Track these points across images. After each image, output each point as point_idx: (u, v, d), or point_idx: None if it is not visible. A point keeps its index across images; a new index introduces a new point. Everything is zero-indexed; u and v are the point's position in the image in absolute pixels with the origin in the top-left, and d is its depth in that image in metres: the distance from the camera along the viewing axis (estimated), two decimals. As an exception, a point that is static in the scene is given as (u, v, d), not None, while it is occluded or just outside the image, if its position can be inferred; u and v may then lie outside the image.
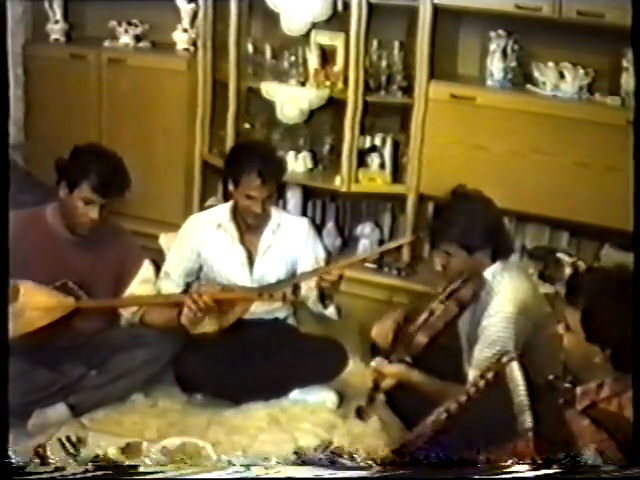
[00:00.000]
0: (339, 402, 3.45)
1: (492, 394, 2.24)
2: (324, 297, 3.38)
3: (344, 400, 3.46)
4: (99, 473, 2.16)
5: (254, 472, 2.14)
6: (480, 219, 2.97)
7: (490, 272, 2.98)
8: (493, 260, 2.99)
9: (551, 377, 2.36)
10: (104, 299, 3.27)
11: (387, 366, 2.93)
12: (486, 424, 2.18)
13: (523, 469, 2.00)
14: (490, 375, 2.29)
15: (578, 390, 2.30)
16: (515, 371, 2.17)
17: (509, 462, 2.03)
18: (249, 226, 3.49)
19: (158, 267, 3.53)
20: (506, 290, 2.93)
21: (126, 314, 3.34)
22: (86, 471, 2.19)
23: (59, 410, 3.19)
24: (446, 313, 2.91)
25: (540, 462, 1.99)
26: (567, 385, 2.33)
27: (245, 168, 3.32)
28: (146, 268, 3.40)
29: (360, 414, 3.00)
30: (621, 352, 2.22)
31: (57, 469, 2.22)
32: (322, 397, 3.45)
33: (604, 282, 2.41)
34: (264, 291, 3.36)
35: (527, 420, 2.05)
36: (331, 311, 3.47)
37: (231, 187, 3.41)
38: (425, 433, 2.36)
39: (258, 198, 3.34)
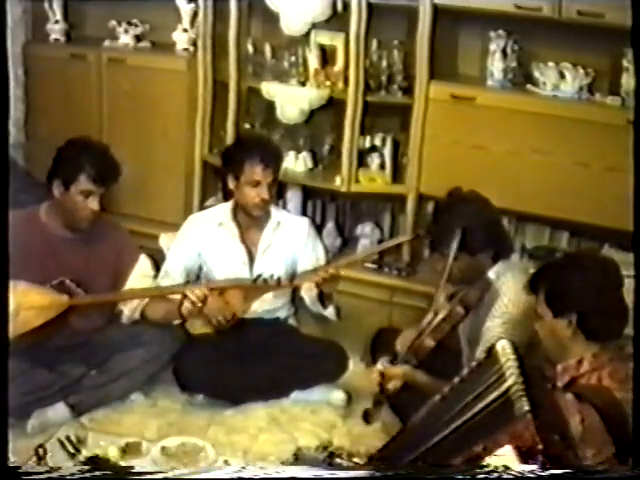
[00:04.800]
0: (348, 399, 3.46)
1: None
2: (323, 297, 3.39)
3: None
4: (99, 473, 2.16)
5: (254, 472, 2.14)
6: (479, 220, 2.97)
7: (493, 272, 2.97)
8: (494, 260, 2.99)
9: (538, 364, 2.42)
10: (98, 294, 3.26)
11: (393, 368, 2.92)
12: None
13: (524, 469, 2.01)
14: (482, 355, 2.31)
15: (559, 367, 2.37)
16: (507, 348, 2.19)
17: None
18: (250, 225, 3.50)
19: (157, 267, 3.53)
20: (510, 291, 2.93)
21: (126, 310, 3.34)
22: (86, 471, 2.18)
23: (59, 410, 3.19)
24: (452, 316, 2.91)
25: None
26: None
27: (246, 157, 3.36)
28: (143, 263, 3.40)
29: (367, 417, 2.98)
30: (586, 317, 2.34)
31: (57, 469, 2.22)
32: (329, 395, 3.46)
33: (559, 260, 2.80)
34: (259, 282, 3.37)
35: (524, 403, 2.06)
36: (330, 312, 3.47)
37: (232, 184, 3.42)
38: (420, 421, 2.38)
39: (263, 183, 3.35)
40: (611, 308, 2.34)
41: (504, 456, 2.04)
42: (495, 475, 1.99)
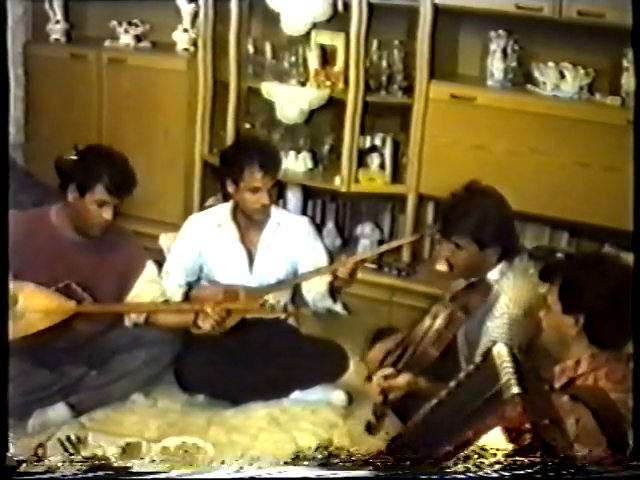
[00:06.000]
0: (348, 400, 3.45)
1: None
2: (334, 291, 3.39)
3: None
4: (99, 473, 2.16)
5: (254, 472, 2.14)
6: (495, 215, 2.95)
7: (496, 272, 2.96)
8: (499, 259, 2.98)
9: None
10: (105, 303, 3.27)
11: (396, 380, 2.89)
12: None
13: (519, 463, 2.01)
14: (478, 359, 2.31)
15: (556, 368, 2.36)
16: (502, 351, 2.20)
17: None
18: (249, 225, 3.50)
19: (159, 267, 3.53)
20: (511, 291, 2.92)
21: (132, 315, 3.34)
22: (86, 471, 2.18)
23: (59, 410, 3.19)
24: (454, 322, 2.89)
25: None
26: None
27: (245, 163, 3.34)
28: (150, 268, 3.40)
29: (370, 429, 2.95)
30: (594, 320, 2.31)
31: (57, 469, 2.22)
32: (329, 395, 3.46)
33: (579, 257, 2.79)
34: (267, 291, 3.41)
35: (513, 386, 2.07)
36: (339, 306, 3.48)
37: (231, 188, 3.41)
38: (417, 424, 2.39)
39: (263, 189, 3.35)
40: (620, 319, 2.30)
41: (494, 439, 2.05)
42: (495, 475, 1.99)
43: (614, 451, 2.12)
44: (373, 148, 4.10)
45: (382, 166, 4.09)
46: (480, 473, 2.01)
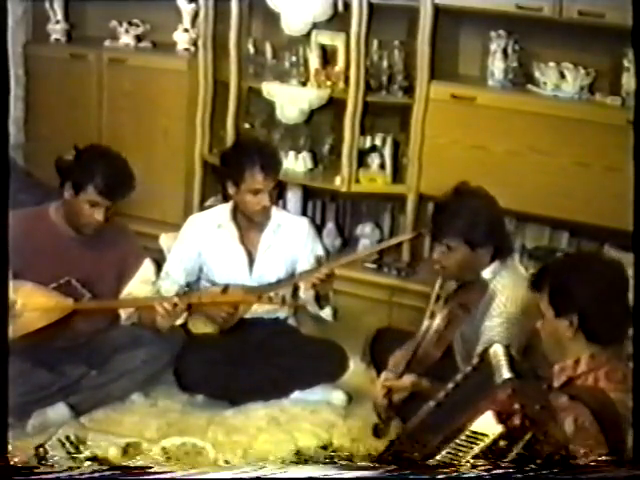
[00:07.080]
0: (348, 400, 3.45)
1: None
2: (319, 298, 3.39)
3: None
4: (99, 473, 2.16)
5: (254, 472, 2.14)
6: (485, 215, 2.96)
7: (489, 271, 2.97)
8: (492, 259, 2.99)
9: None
10: (102, 300, 3.27)
11: (400, 381, 2.89)
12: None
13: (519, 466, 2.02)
14: (475, 360, 2.31)
15: (556, 368, 2.35)
16: (498, 351, 2.20)
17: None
18: (250, 226, 3.49)
19: (159, 267, 3.53)
20: (508, 290, 2.92)
21: (123, 314, 3.34)
22: (86, 471, 2.19)
23: (59, 410, 3.19)
24: (453, 322, 2.88)
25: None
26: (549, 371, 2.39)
27: (246, 165, 3.33)
28: (146, 268, 3.40)
29: (377, 433, 2.92)
30: (587, 318, 2.30)
31: (57, 469, 2.22)
32: (329, 395, 3.46)
33: (566, 260, 2.76)
34: (264, 291, 3.38)
35: (505, 373, 2.08)
36: (327, 312, 3.47)
37: (231, 190, 3.41)
38: (415, 426, 2.39)
39: (264, 190, 3.35)
40: (614, 312, 2.31)
41: (484, 422, 2.06)
42: (493, 475, 1.99)
43: (613, 451, 2.12)
44: (373, 148, 4.10)
45: (382, 166, 4.10)
46: (474, 474, 2.02)
